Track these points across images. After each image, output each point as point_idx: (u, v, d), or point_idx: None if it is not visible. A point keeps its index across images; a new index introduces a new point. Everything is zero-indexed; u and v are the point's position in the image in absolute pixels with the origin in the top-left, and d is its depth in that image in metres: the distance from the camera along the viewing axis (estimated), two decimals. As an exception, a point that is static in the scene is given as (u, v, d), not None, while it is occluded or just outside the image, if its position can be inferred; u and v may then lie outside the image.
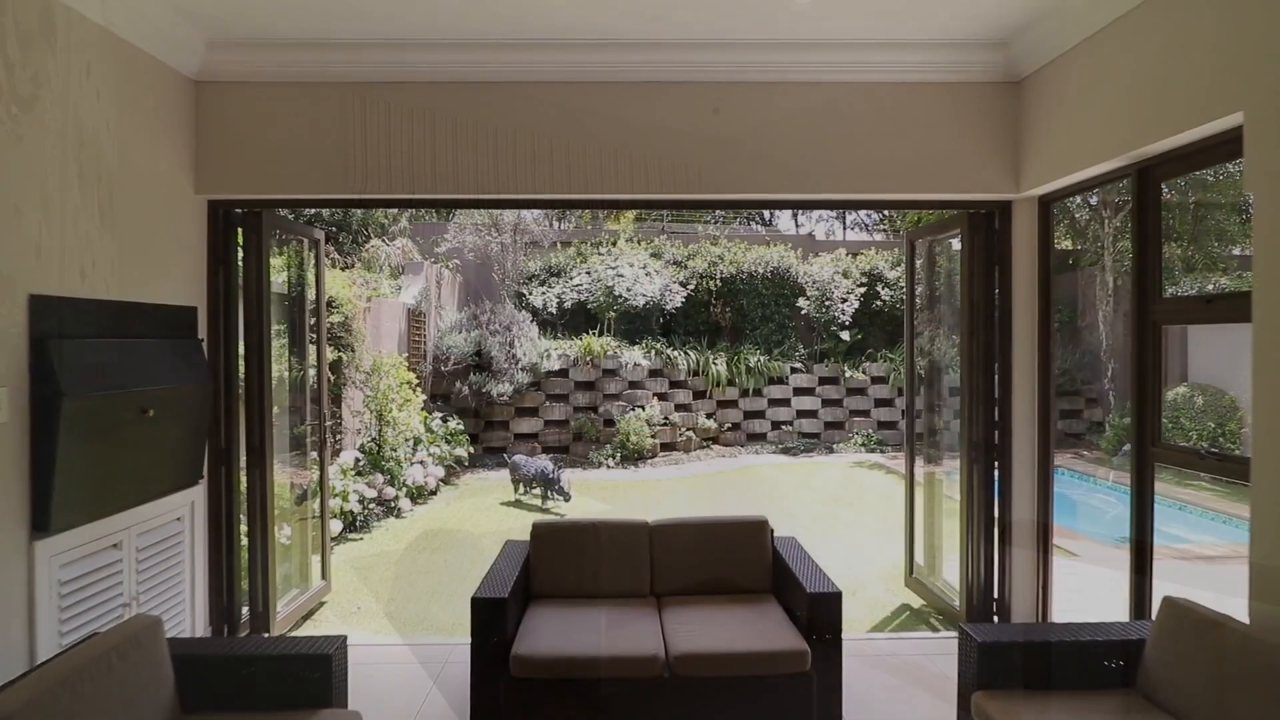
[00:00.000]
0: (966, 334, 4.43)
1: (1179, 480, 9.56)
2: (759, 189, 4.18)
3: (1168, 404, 10.49)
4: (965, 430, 4.47)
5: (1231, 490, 8.45)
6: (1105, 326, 11.91)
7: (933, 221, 5.98)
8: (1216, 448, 9.95)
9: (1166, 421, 10.56)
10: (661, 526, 3.80)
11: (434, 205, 4.53)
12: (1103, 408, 12.48)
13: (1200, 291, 10.61)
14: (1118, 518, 8.56)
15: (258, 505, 4.35)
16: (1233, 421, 9.76)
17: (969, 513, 4.45)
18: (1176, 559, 6.27)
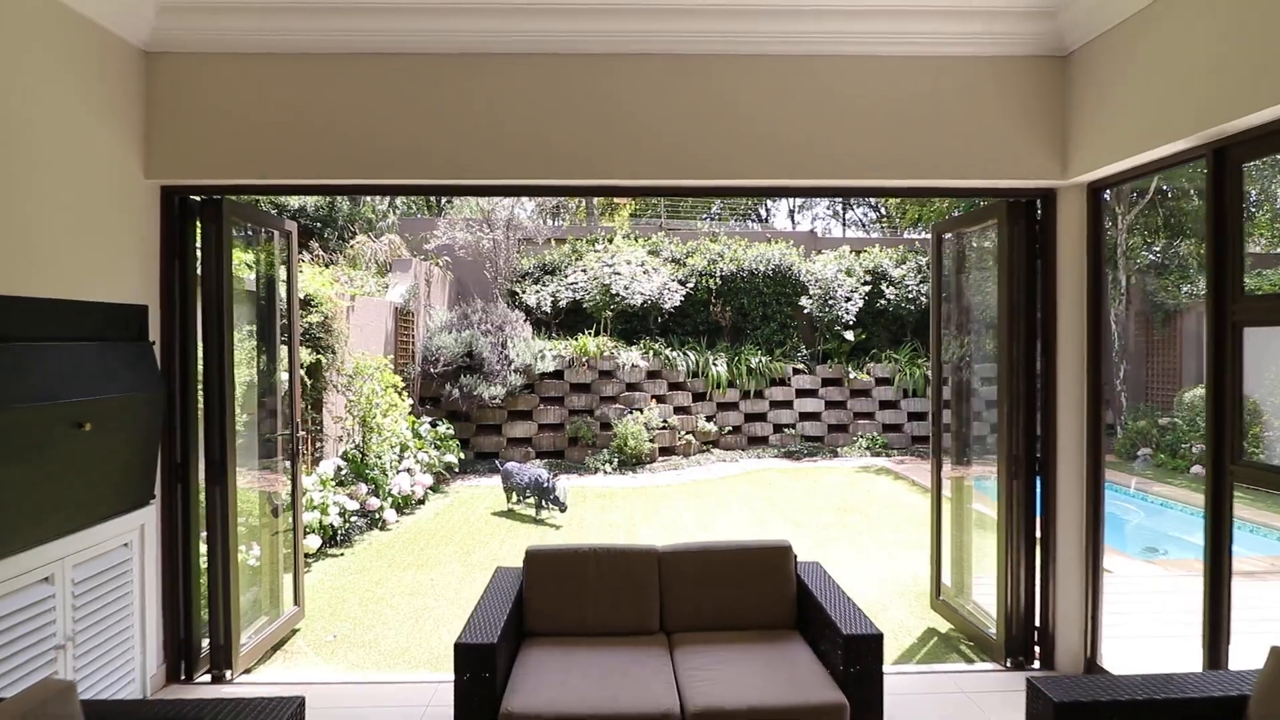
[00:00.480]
0: (1005, 336, 4.02)
1: (1196, 486, 9.21)
2: (775, 174, 3.75)
3: (1184, 405, 10.15)
4: (1004, 441, 4.06)
5: (1258, 498, 8.09)
6: (1116, 326, 11.56)
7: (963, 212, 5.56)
8: (1236, 452, 9.58)
9: (1181, 423, 10.21)
10: (672, 554, 3.38)
11: (416, 192, 4.07)
12: (1113, 410, 12.14)
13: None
14: (1141, 527, 8.19)
15: (219, 525, 3.90)
16: (1256, 426, 9.41)
17: (1007, 532, 4.04)
18: (1214, 575, 5.86)
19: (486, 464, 10.20)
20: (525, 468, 7.65)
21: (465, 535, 6.95)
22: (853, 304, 12.29)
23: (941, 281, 4.83)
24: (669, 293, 11.66)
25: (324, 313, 6.51)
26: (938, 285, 4.82)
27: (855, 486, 9.34)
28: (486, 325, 10.47)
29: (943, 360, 4.99)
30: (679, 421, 11.23)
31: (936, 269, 4.80)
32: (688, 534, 7.02)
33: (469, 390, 9.79)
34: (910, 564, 6.08)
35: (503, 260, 11.42)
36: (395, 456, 7.72)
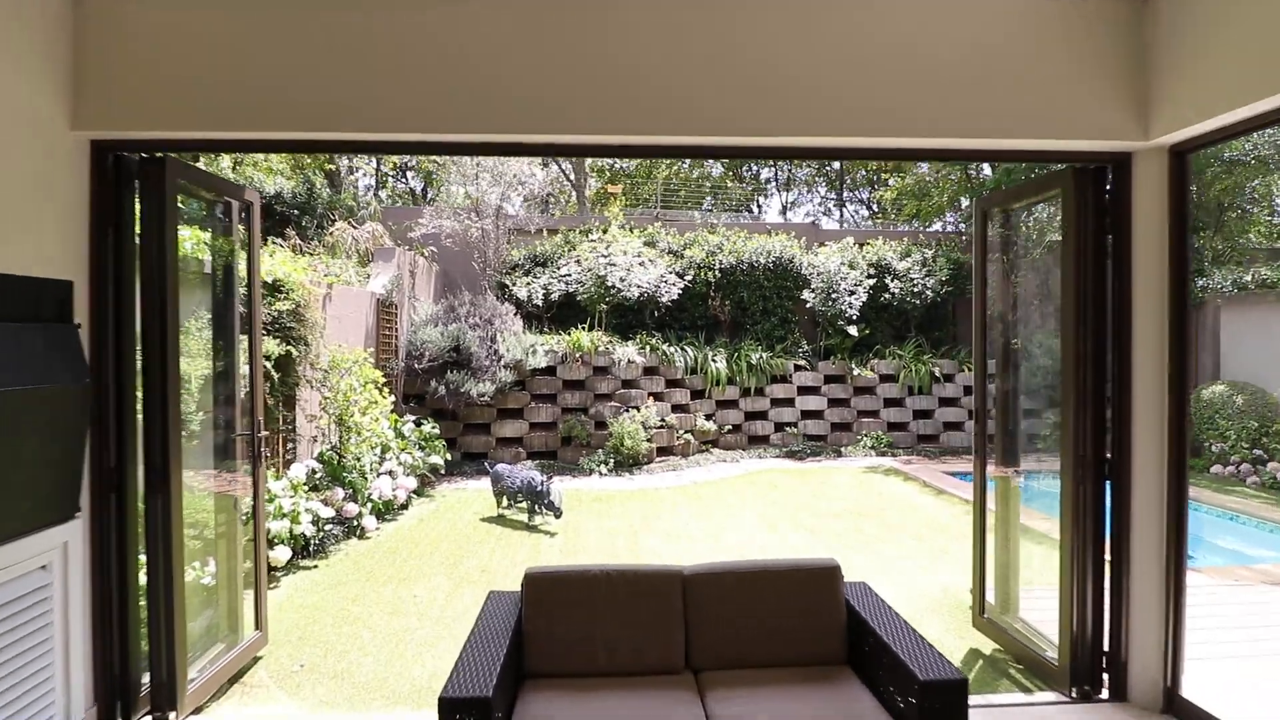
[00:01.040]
0: (1072, 322, 3.53)
1: (1218, 487, 8.84)
2: (802, 130, 3.21)
3: (1202, 403, 9.77)
4: (1069, 441, 3.57)
5: (1284, 499, 7.71)
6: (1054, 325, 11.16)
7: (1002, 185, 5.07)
8: (1262, 449, 9.24)
9: (1201, 421, 9.83)
10: (700, 576, 2.84)
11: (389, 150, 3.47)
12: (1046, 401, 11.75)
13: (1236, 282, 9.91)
14: None
15: (161, 542, 3.32)
16: (1279, 422, 9.06)
17: (1074, 543, 3.55)
18: (1267, 583, 5.44)
19: (474, 465, 9.62)
20: (517, 470, 7.09)
21: (452, 544, 6.38)
22: (856, 298, 11.83)
23: (986, 262, 4.33)
24: (667, 285, 11.13)
25: (296, 300, 5.91)
26: (981, 267, 4.32)
27: (865, 488, 8.86)
28: (475, 318, 9.89)
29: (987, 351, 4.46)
30: (677, 420, 10.71)
31: (980, 249, 4.30)
32: (694, 542, 6.49)
33: (456, 387, 9.21)
34: (938, 574, 5.59)
35: (492, 251, 10.84)
36: (375, 458, 7.14)
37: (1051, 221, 9.68)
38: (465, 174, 10.32)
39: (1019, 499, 4.52)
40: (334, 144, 3.37)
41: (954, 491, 8.52)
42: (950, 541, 6.52)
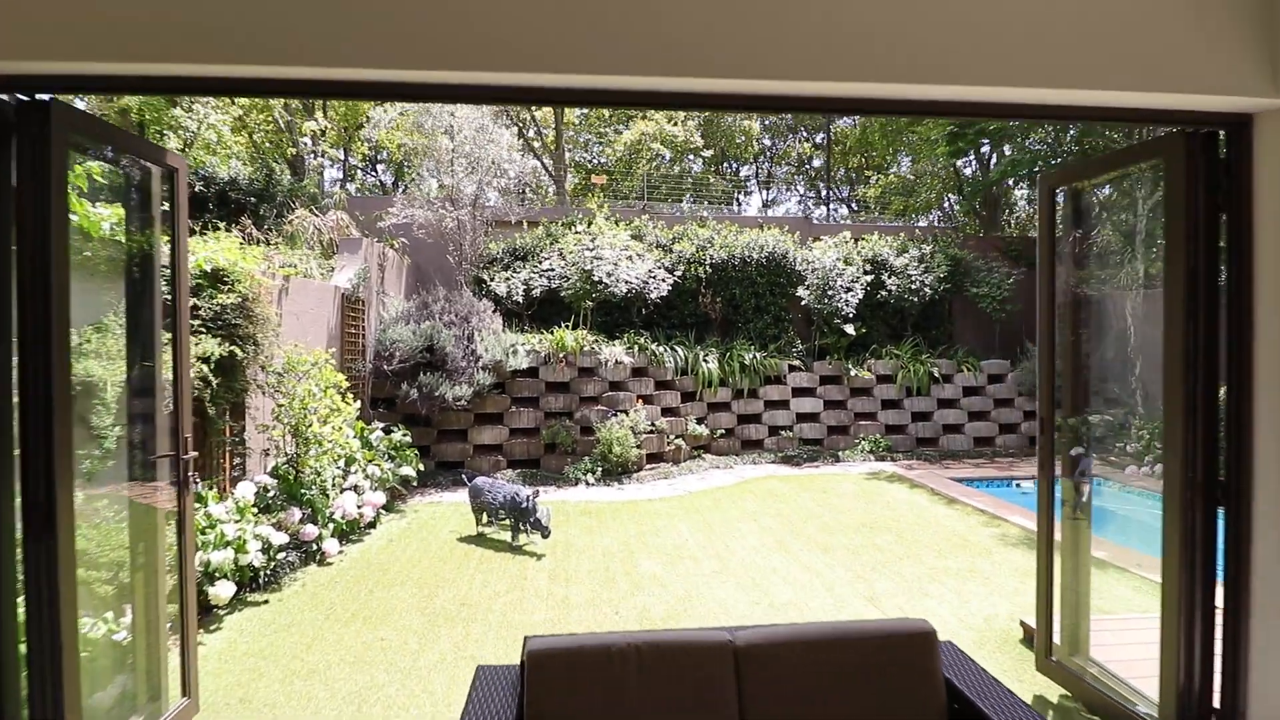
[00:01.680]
0: (1179, 317, 2.94)
1: None
2: (846, 75, 2.49)
3: (1215, 405, 9.41)
4: (1175, 460, 2.98)
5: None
6: (1133, 320, 10.82)
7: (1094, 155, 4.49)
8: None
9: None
10: (757, 648, 2.17)
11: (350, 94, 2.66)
12: (1122, 409, 11.44)
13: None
14: None
15: (44, 597, 2.56)
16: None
17: (1180, 582, 2.96)
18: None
19: (450, 475, 8.85)
20: (499, 484, 6.36)
21: (426, 570, 5.63)
22: (853, 295, 11.29)
23: (1054, 247, 3.73)
24: (656, 281, 10.47)
25: (242, 293, 5.11)
26: (1049, 252, 3.73)
27: (870, 498, 8.30)
28: (450, 316, 9.12)
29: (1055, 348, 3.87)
30: (668, 424, 10.05)
31: (1048, 230, 3.70)
32: (697, 563, 5.84)
33: (429, 390, 8.43)
34: (974, 600, 5.02)
35: (468, 243, 10.06)
36: (339, 472, 6.35)
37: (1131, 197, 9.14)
38: (440, 161, 9.53)
39: (1089, 520, 3.94)
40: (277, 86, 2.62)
41: (966, 500, 8.01)
42: (976, 559, 5.97)
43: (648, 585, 5.30)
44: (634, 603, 4.95)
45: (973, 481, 9.36)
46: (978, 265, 12.32)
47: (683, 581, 5.38)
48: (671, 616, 4.70)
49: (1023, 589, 5.26)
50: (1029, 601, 4.98)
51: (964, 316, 12.75)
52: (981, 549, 6.27)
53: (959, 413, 11.54)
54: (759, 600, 5.00)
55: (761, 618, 4.69)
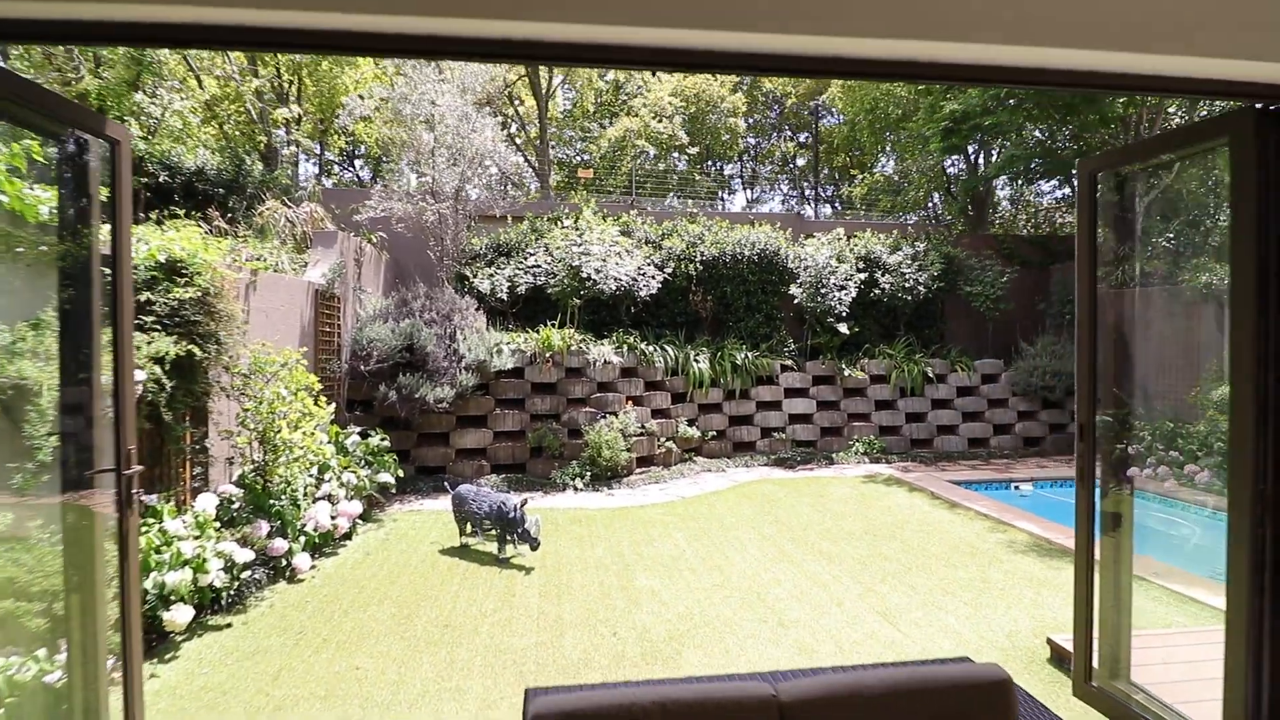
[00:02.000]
0: (1249, 315, 2.65)
1: None
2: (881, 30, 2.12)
3: (1213, 404, 9.28)
4: (1244, 471, 2.69)
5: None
6: (1184, 318, 10.68)
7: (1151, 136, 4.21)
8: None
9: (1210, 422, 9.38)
10: (805, 706, 1.82)
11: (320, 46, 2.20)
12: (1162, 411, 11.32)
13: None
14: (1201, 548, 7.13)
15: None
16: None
17: (1249, 604, 2.68)
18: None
19: (431, 481, 8.43)
20: (484, 492, 5.96)
21: (405, 587, 5.22)
22: (847, 293, 11.02)
23: (1095, 237, 3.44)
24: (645, 278, 10.11)
25: (203, 286, 4.66)
26: (1090, 242, 3.43)
27: (869, 502, 8.02)
28: (431, 314, 8.68)
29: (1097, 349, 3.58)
30: (658, 427, 9.70)
31: (1089, 219, 3.40)
32: (697, 576, 5.49)
33: (409, 392, 8.00)
34: (993, 615, 4.73)
35: (450, 238, 9.62)
36: (311, 480, 5.91)
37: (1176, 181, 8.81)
38: (420, 152, 9.08)
39: (1130, 534, 3.65)
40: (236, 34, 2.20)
41: (968, 505, 7.77)
42: (987, 568, 5.70)
43: (645, 602, 4.95)
44: (632, 622, 4.59)
45: (971, 484, 9.14)
46: (970, 264, 12.14)
47: (683, 597, 5.03)
48: (674, 638, 4.35)
49: (1041, 601, 5.00)
50: (1050, 615, 4.72)
51: (956, 316, 12.57)
52: (991, 557, 6.01)
53: (953, 413, 11.34)
54: (765, 618, 4.66)
55: (770, 638, 4.36)
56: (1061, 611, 4.80)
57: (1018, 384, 11.40)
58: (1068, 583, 5.37)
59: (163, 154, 9.79)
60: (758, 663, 4.03)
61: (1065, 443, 11.23)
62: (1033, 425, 11.37)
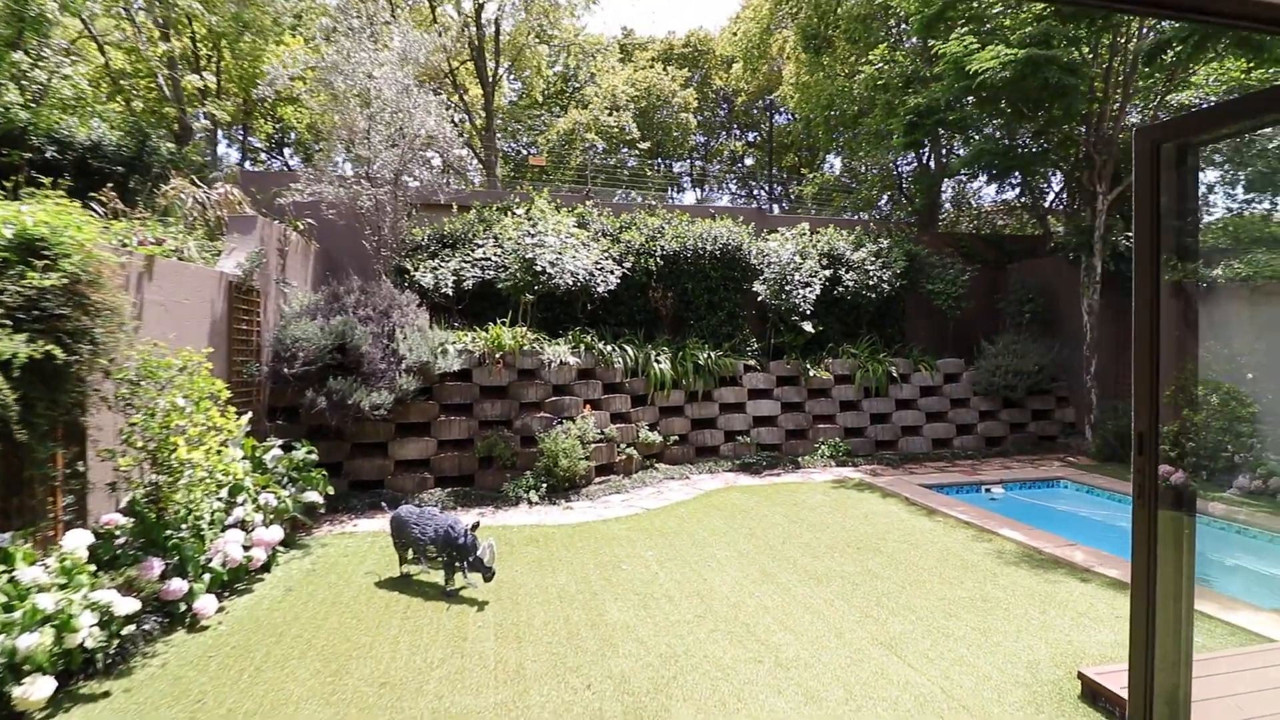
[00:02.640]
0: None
1: None
2: None
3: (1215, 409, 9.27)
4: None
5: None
6: (1089, 317, 10.67)
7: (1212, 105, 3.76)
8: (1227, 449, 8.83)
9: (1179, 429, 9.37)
10: None
11: None
12: (1076, 408, 11.32)
13: (1202, 278, 9.43)
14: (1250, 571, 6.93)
15: None
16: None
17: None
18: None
19: (367, 498, 7.53)
20: (428, 513, 5.18)
21: (334, 632, 4.40)
22: (811, 290, 10.63)
23: (1158, 213, 2.96)
24: (603, 273, 9.44)
25: (71, 272, 3.74)
26: (1150, 225, 2.96)
27: (845, 510, 7.58)
28: (367, 310, 7.78)
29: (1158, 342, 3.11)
30: (618, 432, 9.05)
31: (1148, 198, 2.93)
32: (675, 606, 4.87)
33: (341, 398, 7.09)
34: (1006, 642, 4.28)
35: (388, 226, 8.71)
36: (219, 505, 5.01)
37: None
38: (354, 129, 8.14)
39: (1192, 554, 3.21)
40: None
41: (946, 511, 7.42)
42: (984, 585, 5.29)
43: (620, 641, 4.29)
44: (607, 669, 3.93)
45: (941, 488, 8.85)
46: (932, 261, 11.96)
47: (663, 634, 4.39)
48: (659, 688, 3.71)
49: (1049, 622, 4.59)
50: (1065, 640, 4.30)
51: (916, 314, 12.39)
52: (985, 571, 5.61)
53: (917, 414, 11.11)
54: (760, 656, 4.08)
55: (769, 683, 3.77)
56: (1075, 635, 4.40)
57: (979, 383, 11.26)
58: (1071, 599, 5.01)
59: (49, 126, 8.53)
60: (761, 717, 3.43)
61: (1027, 442, 11.16)
62: (994, 425, 11.25)
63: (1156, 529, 3.04)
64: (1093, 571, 5.59)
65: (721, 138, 32.74)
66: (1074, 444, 11.13)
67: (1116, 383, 10.92)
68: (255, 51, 13.14)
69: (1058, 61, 8.27)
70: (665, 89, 25.21)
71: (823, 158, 28.07)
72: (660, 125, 26.84)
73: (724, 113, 32.08)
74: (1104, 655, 4.13)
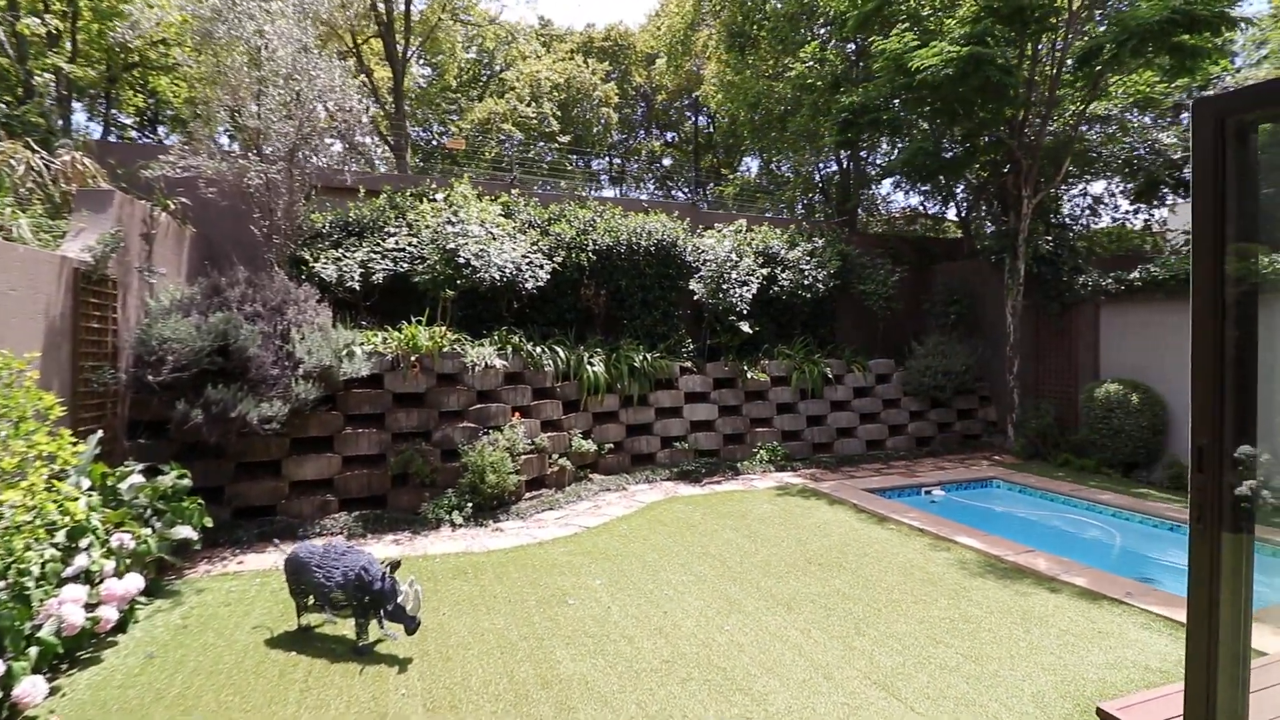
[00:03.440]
0: None
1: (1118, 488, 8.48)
2: None
3: (1098, 402, 9.53)
4: None
5: None
6: (1013, 319, 10.89)
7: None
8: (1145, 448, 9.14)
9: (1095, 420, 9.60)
10: None
11: None
12: (998, 407, 11.56)
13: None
14: (1125, 550, 7.00)
15: None
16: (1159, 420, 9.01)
17: None
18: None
19: (255, 527, 6.40)
20: (333, 551, 4.25)
21: (211, 715, 3.44)
22: (749, 289, 10.25)
23: (1221, 202, 2.58)
24: (533, 268, 8.64)
25: None
26: (1214, 207, 2.57)
27: (795, 521, 7.18)
28: (255, 305, 6.63)
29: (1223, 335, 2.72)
30: (549, 441, 8.28)
31: (1210, 180, 2.56)
32: (637, 648, 4.20)
33: (223, 409, 5.95)
34: (1004, 670, 3.90)
35: (283, 210, 7.53)
36: (54, 554, 3.88)
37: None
38: (238, 90, 6.92)
39: (1250, 583, 2.86)
40: None
41: (897, 518, 7.16)
42: (960, 602, 4.96)
43: (580, 701, 3.58)
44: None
45: (885, 492, 8.65)
46: (863, 262, 11.91)
47: (629, 688, 3.72)
48: (635, 767, 3.04)
49: (1038, 644, 4.27)
50: (1060, 664, 3.95)
51: (847, 315, 12.32)
52: (954, 586, 5.30)
53: (851, 415, 10.98)
54: (749, 712, 3.49)
55: (763, 747, 3.18)
56: (1068, 658, 4.09)
57: (910, 384, 11.28)
58: (1049, 614, 4.74)
59: None
60: (763, 799, 2.83)
61: (953, 442, 11.28)
62: (924, 425, 11.30)
63: (1220, 557, 2.66)
64: (1060, 581, 5.39)
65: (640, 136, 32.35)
66: (997, 443, 11.35)
67: (1037, 382, 11.21)
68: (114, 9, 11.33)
69: (994, 61, 8.25)
70: (586, 82, 24.47)
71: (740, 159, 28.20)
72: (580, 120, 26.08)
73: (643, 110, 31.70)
74: (1104, 681, 3.82)
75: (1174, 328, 9.11)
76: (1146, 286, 9.37)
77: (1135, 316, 9.75)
